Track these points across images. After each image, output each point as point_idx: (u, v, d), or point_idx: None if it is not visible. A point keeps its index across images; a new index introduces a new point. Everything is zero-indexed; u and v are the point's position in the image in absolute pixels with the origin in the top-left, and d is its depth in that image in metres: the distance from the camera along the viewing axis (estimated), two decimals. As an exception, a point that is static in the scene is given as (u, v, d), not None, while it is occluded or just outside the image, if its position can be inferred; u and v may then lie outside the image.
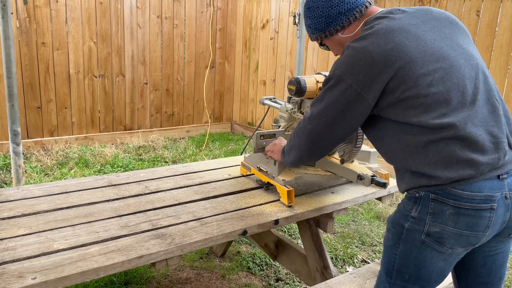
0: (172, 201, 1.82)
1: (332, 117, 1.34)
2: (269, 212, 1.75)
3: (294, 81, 1.84)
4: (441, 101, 1.20)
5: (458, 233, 1.21)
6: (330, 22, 1.44)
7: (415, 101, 1.22)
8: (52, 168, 4.08)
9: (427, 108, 1.21)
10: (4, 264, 1.28)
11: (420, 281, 1.30)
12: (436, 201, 1.22)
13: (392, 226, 1.33)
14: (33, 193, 1.83)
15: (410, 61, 1.21)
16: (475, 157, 1.18)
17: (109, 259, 1.33)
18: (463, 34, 1.34)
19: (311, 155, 1.52)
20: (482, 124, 1.22)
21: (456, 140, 1.19)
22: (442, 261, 1.26)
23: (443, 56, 1.24)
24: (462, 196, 1.19)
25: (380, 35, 1.25)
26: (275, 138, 2.01)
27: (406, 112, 1.23)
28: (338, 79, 1.29)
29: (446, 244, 1.23)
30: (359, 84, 1.26)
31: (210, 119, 5.89)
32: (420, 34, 1.26)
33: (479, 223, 1.19)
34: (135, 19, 4.96)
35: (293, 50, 5.10)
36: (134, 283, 2.41)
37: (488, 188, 1.19)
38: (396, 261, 1.31)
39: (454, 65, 1.24)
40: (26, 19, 4.29)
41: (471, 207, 1.19)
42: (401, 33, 1.25)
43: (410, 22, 1.29)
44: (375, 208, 3.55)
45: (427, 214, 1.23)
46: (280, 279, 2.57)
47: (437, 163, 1.21)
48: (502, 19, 3.54)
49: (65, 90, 4.66)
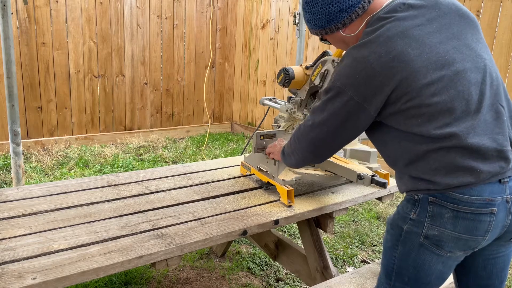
0: (172, 201, 1.82)
1: (334, 126, 1.33)
2: (269, 212, 1.75)
3: (281, 70, 1.91)
4: (444, 110, 1.17)
5: (457, 237, 1.19)
6: (331, 20, 1.37)
7: (417, 111, 1.19)
8: (52, 168, 4.08)
9: (430, 118, 1.18)
10: (4, 264, 1.28)
11: (419, 284, 1.29)
12: (435, 204, 1.20)
13: (391, 228, 1.33)
14: (33, 193, 1.83)
15: (413, 71, 1.17)
16: (476, 165, 1.16)
17: (109, 259, 1.33)
18: (473, 30, 1.28)
19: (314, 159, 1.52)
20: (486, 132, 1.19)
21: (457, 149, 1.17)
22: (441, 264, 1.25)
23: (448, 62, 1.19)
24: (461, 200, 1.17)
25: (381, 43, 1.20)
26: (275, 138, 2.01)
27: (408, 122, 1.21)
28: (338, 90, 1.27)
29: (445, 248, 1.22)
30: (360, 96, 1.23)
31: (210, 119, 5.89)
32: (424, 38, 1.20)
33: (478, 227, 1.18)
34: (135, 19, 4.96)
35: (293, 50, 5.10)
36: (134, 283, 2.41)
37: (488, 192, 1.17)
38: (395, 263, 1.31)
39: (460, 71, 1.19)
40: (26, 19, 4.29)
41: (470, 211, 1.17)
42: (403, 39, 1.20)
43: (414, 23, 1.22)
44: (375, 208, 3.55)
45: (426, 217, 1.22)
46: (280, 279, 2.57)
47: (437, 170, 1.19)
48: (502, 19, 3.53)
49: (65, 90, 4.66)
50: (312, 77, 1.89)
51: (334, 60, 1.78)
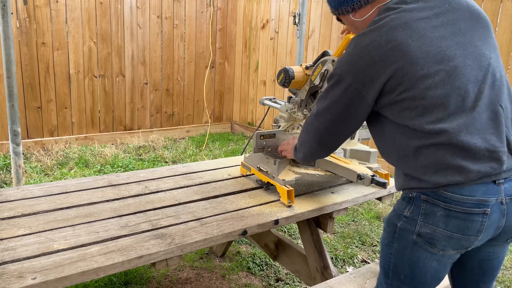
0: (172, 201, 1.82)
1: (336, 114, 1.35)
2: (269, 212, 1.75)
3: (281, 70, 1.92)
4: (438, 104, 1.18)
5: (449, 236, 1.20)
6: (342, 2, 1.41)
7: (412, 103, 1.20)
8: (52, 168, 4.08)
9: (424, 111, 1.19)
10: (4, 264, 1.28)
11: (415, 282, 1.30)
12: (427, 202, 1.22)
13: (387, 225, 1.34)
14: (33, 193, 1.83)
15: (410, 61, 1.18)
16: (465, 164, 1.16)
17: (109, 259, 1.33)
18: (483, 28, 1.27)
19: (320, 150, 1.53)
20: (479, 131, 1.18)
21: (448, 146, 1.17)
22: (435, 262, 1.26)
23: (447, 57, 1.19)
24: (452, 199, 1.18)
25: (382, 32, 1.22)
26: (275, 138, 2.01)
27: (402, 114, 1.22)
28: (338, 78, 1.30)
29: (437, 246, 1.22)
30: (358, 83, 1.25)
31: (210, 119, 5.89)
32: (426, 31, 1.20)
33: (470, 226, 1.18)
34: (135, 19, 4.96)
35: (293, 50, 5.10)
36: (134, 283, 2.41)
37: (482, 192, 1.17)
38: (392, 260, 1.32)
39: (459, 67, 1.19)
40: (26, 19, 4.29)
41: (461, 210, 1.17)
42: (405, 30, 1.20)
43: (420, 16, 1.23)
44: (375, 208, 3.55)
45: (419, 215, 1.23)
46: (280, 279, 2.57)
47: (427, 168, 1.20)
48: (502, 19, 3.53)
49: (65, 90, 4.66)
50: (312, 77, 1.89)
51: (334, 60, 1.78)
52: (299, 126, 2.14)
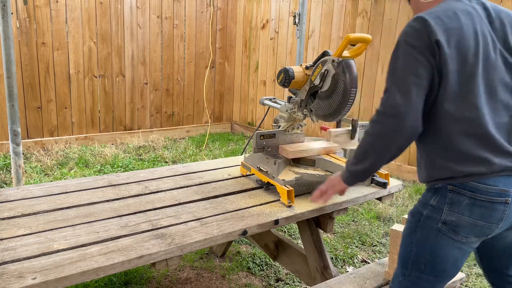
0: (172, 201, 1.82)
1: (403, 80, 1.34)
2: (269, 212, 1.75)
3: (281, 70, 1.94)
4: (475, 92, 1.24)
5: (473, 223, 1.27)
6: None
7: (453, 85, 1.24)
8: (52, 168, 4.08)
9: (461, 95, 1.24)
10: (4, 264, 1.28)
11: (435, 271, 1.34)
12: (453, 192, 1.28)
13: (411, 216, 1.39)
14: (33, 193, 1.83)
15: (464, 47, 1.24)
16: (489, 156, 1.24)
17: (109, 259, 1.33)
18: None
19: (395, 124, 1.30)
20: (502, 130, 1.28)
21: (476, 136, 1.24)
22: (456, 250, 1.31)
23: (488, 54, 1.27)
24: (477, 188, 1.25)
25: (447, 14, 1.25)
26: (275, 138, 2.01)
27: (443, 91, 1.24)
28: (398, 45, 1.29)
29: (461, 233, 1.29)
30: (416, 48, 1.26)
31: (210, 119, 5.89)
32: (484, 29, 1.27)
33: (493, 214, 1.26)
34: (135, 19, 4.96)
35: (293, 50, 5.10)
36: (134, 283, 2.41)
37: (503, 183, 1.25)
38: (413, 250, 1.36)
39: (492, 66, 1.27)
40: (26, 19, 4.29)
41: (486, 199, 1.25)
42: (467, 16, 1.25)
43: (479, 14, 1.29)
44: (375, 208, 3.55)
45: (445, 204, 1.29)
46: (280, 279, 2.57)
47: (453, 157, 1.26)
48: (502, 19, 3.53)
49: (65, 90, 4.66)
50: (312, 77, 1.89)
51: (334, 60, 1.78)
52: (299, 126, 2.15)
